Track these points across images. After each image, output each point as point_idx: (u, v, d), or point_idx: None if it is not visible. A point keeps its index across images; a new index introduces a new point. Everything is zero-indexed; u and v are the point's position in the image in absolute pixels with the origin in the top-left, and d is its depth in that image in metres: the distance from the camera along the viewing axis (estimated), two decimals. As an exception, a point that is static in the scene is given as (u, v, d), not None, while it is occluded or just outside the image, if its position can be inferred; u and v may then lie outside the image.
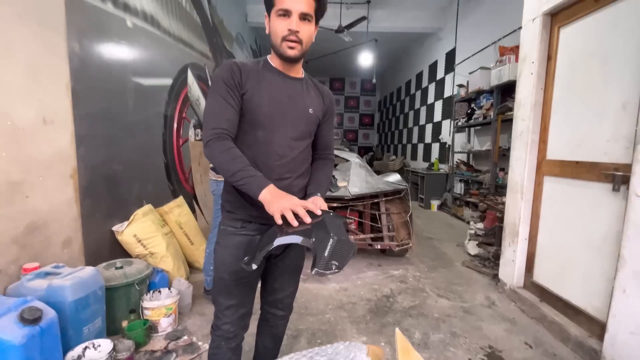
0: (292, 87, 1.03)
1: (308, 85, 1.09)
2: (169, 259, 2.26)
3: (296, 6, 0.91)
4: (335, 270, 0.75)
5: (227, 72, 0.95)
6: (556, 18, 2.10)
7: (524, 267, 2.30)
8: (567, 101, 2.00)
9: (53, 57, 1.71)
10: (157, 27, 2.76)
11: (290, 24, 0.92)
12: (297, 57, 0.97)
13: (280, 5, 0.92)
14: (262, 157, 0.98)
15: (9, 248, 1.49)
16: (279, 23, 0.93)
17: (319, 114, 1.09)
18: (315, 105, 1.07)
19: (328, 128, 1.16)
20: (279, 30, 0.93)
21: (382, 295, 2.38)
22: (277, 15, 0.93)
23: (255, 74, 0.98)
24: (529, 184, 2.22)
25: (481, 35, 4.85)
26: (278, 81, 1.01)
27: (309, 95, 1.07)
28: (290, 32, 0.92)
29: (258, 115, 0.97)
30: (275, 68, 1.02)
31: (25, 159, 1.56)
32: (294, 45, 0.94)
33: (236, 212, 1.04)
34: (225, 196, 1.07)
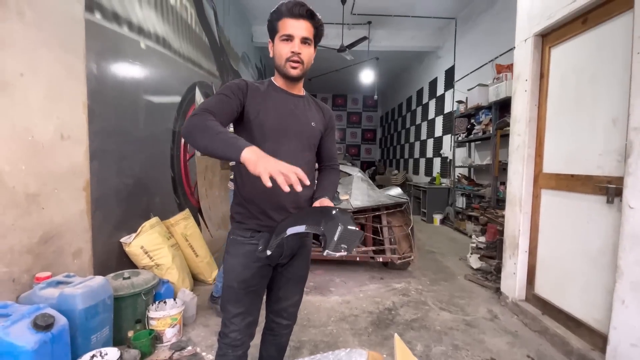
0: (295, 103, 1.13)
1: (309, 102, 1.20)
2: (175, 270, 2.30)
3: (298, 32, 1.03)
4: (344, 253, 0.82)
5: (235, 84, 1.05)
6: (547, 39, 2.21)
7: (525, 279, 2.32)
8: (560, 117, 2.07)
9: (72, 78, 1.82)
10: (168, 48, 2.91)
11: (293, 46, 1.03)
12: (299, 76, 1.08)
13: (283, 31, 1.03)
14: None
15: (23, 257, 1.55)
16: (282, 46, 1.04)
17: (321, 127, 1.19)
18: (317, 120, 1.17)
19: (330, 140, 1.26)
20: (283, 52, 1.04)
21: (384, 307, 2.40)
22: (280, 40, 1.04)
23: (262, 93, 1.08)
24: (527, 196, 2.27)
25: (479, 54, 5.00)
26: (282, 98, 1.11)
27: (311, 111, 1.17)
28: (293, 53, 1.03)
29: (265, 129, 1.05)
30: (279, 87, 1.13)
31: (43, 172, 1.65)
32: (296, 65, 1.05)
33: (246, 222, 1.10)
34: (234, 207, 1.13)
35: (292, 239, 1.13)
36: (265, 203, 1.08)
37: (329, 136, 1.25)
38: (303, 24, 1.03)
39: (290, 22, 1.03)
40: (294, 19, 1.02)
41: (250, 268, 1.09)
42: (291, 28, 1.02)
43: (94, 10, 1.97)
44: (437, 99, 6.82)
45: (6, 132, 1.47)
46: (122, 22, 2.24)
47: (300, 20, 1.03)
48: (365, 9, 5.51)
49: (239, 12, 5.41)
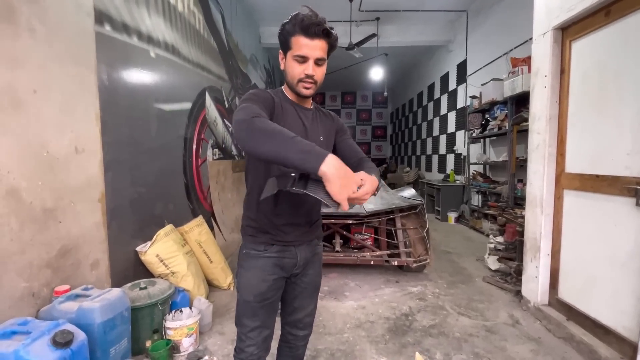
0: (307, 118, 1.12)
1: (318, 114, 1.18)
2: (190, 277, 2.31)
3: (313, 52, 0.98)
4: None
5: (264, 92, 1.01)
6: (567, 32, 2.10)
7: (548, 283, 2.23)
8: (583, 114, 1.97)
9: (84, 91, 1.84)
10: (177, 55, 2.91)
11: (307, 69, 0.99)
12: (311, 95, 1.06)
13: (297, 52, 0.98)
14: None
15: (42, 272, 1.58)
16: (295, 66, 1.00)
17: (330, 138, 1.18)
18: (327, 132, 1.16)
19: (346, 140, 1.21)
20: (296, 73, 1.01)
21: (401, 313, 2.35)
22: (293, 59, 1.00)
23: (279, 106, 1.05)
24: (548, 197, 2.18)
25: (492, 47, 4.85)
26: (295, 114, 1.09)
27: (320, 124, 1.16)
28: (307, 76, 1.00)
29: None
30: (291, 100, 1.11)
31: (59, 186, 1.67)
32: (309, 86, 1.03)
33: (258, 235, 1.09)
34: (246, 221, 1.12)
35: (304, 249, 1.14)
36: (277, 219, 1.08)
37: (344, 137, 1.22)
38: (318, 44, 0.98)
39: (305, 42, 0.97)
40: (309, 39, 0.97)
41: (266, 281, 1.08)
42: (306, 49, 0.97)
43: (103, 22, 1.98)
44: (449, 94, 6.67)
45: (22, 149, 1.49)
46: (132, 32, 2.25)
47: (316, 40, 0.97)
48: (373, 6, 5.41)
49: (246, 13, 5.40)
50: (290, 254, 1.11)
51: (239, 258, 1.14)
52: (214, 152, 3.73)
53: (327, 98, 11.88)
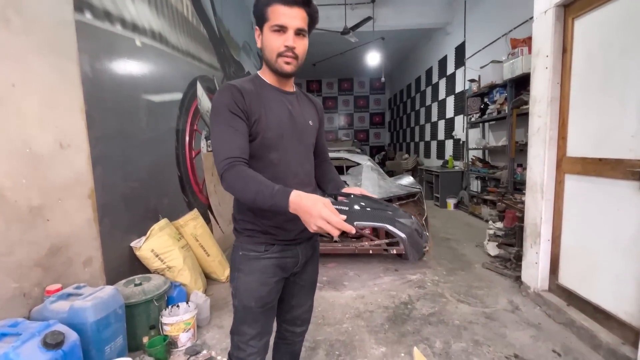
0: (291, 102, 1.03)
1: (301, 97, 1.10)
2: (187, 272, 2.29)
3: (292, 22, 0.89)
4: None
5: (228, 98, 0.90)
6: (569, 9, 2.01)
7: (548, 269, 2.21)
8: (586, 96, 1.91)
9: (67, 84, 1.76)
10: (165, 43, 2.81)
11: (287, 39, 0.90)
12: (293, 72, 0.96)
13: (275, 21, 0.89)
14: (279, 180, 0.94)
15: (33, 271, 1.54)
16: (274, 39, 0.91)
17: (316, 124, 1.12)
18: (313, 117, 1.10)
19: (322, 134, 1.19)
20: (275, 46, 0.92)
21: (400, 302, 2.34)
22: (271, 31, 0.91)
23: (256, 95, 0.96)
24: (549, 182, 2.13)
25: (491, 28, 4.72)
26: (277, 99, 1.00)
27: (305, 108, 1.09)
28: (287, 48, 0.91)
29: (269, 138, 0.96)
30: (270, 85, 1.01)
31: (45, 183, 1.62)
32: (290, 61, 0.93)
33: (258, 236, 1.00)
34: (241, 222, 1.02)
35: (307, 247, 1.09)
36: (279, 217, 0.97)
37: (321, 130, 1.18)
38: (298, 13, 0.90)
39: (282, 10, 0.89)
40: (287, 7, 0.89)
41: (268, 284, 1.01)
42: (284, 17, 0.89)
43: (83, 10, 1.88)
44: (448, 78, 6.54)
45: (3, 147, 1.43)
46: (115, 20, 2.15)
47: (295, 8, 0.89)
48: (368, -13, 5.24)
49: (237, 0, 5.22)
50: (292, 253, 1.04)
51: (235, 261, 1.04)
52: (208, 144, 3.65)
53: (324, 85, 11.70)
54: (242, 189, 0.83)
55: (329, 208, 0.74)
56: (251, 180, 0.82)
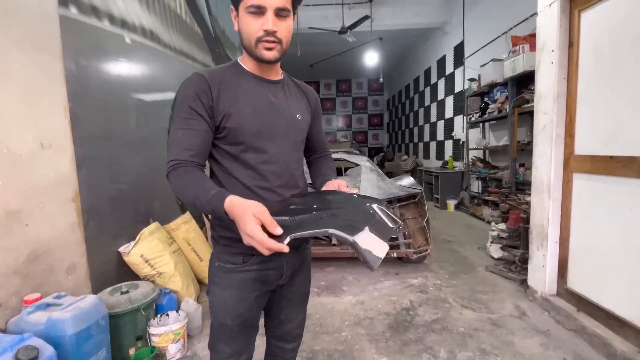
0: (274, 93, 0.89)
1: (290, 87, 0.96)
2: (178, 278, 2.18)
3: (271, 1, 0.76)
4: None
5: (191, 90, 0.79)
6: (575, 2, 1.93)
7: (556, 272, 2.12)
8: (595, 90, 1.83)
9: (49, 80, 1.66)
10: (157, 41, 2.72)
11: (266, 22, 0.77)
12: (276, 59, 0.83)
13: (251, 1, 0.76)
14: (258, 181, 0.86)
15: (9, 280, 1.44)
16: (251, 22, 0.78)
17: (307, 118, 0.98)
18: (303, 109, 0.96)
19: (318, 127, 1.06)
20: (252, 30, 0.79)
21: (402, 308, 2.24)
22: (247, 12, 0.78)
23: (229, 86, 0.83)
24: (556, 182, 2.04)
25: (490, 26, 4.66)
26: (257, 89, 0.87)
27: (293, 100, 0.95)
28: (267, 32, 0.78)
29: (244, 135, 0.83)
30: (250, 72, 0.88)
31: (24, 186, 1.51)
32: (272, 46, 0.80)
33: (234, 245, 0.86)
34: (217, 228, 0.90)
35: (293, 257, 0.96)
36: None
37: (317, 123, 1.05)
38: None
39: None
40: None
41: (246, 300, 0.89)
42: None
43: (68, 4, 1.79)
44: (447, 78, 6.48)
45: (-25, 146, 1.33)
46: (102, 15, 2.06)
47: None
48: (366, -14, 5.18)
49: (233, -1, 5.15)
50: (274, 264, 0.90)
51: (210, 272, 0.93)
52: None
53: (322, 86, 11.64)
54: (182, 193, 0.75)
55: (259, 220, 0.64)
56: (191, 183, 0.74)
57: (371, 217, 0.69)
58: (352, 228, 0.64)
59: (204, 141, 0.80)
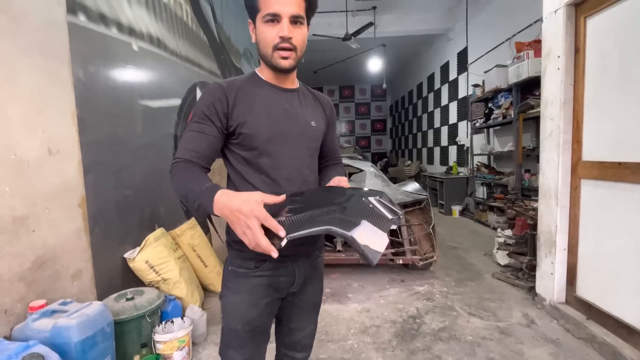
0: (289, 101, 0.92)
1: (305, 95, 0.99)
2: (183, 284, 2.18)
3: (286, 9, 0.80)
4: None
5: (207, 98, 0.84)
6: (581, 8, 1.94)
7: (565, 280, 2.09)
8: (602, 96, 1.82)
9: (57, 87, 1.68)
10: (163, 48, 2.75)
11: (282, 30, 0.81)
12: (292, 67, 0.87)
13: (267, 10, 0.81)
14: (271, 186, 0.87)
15: (15, 286, 1.44)
16: (267, 30, 0.82)
17: (322, 125, 1.00)
18: (317, 117, 0.98)
19: (332, 136, 1.08)
20: (269, 38, 0.83)
21: (408, 315, 2.21)
22: (264, 22, 0.82)
23: (246, 95, 0.87)
24: (564, 188, 2.02)
25: (494, 33, 4.67)
26: (272, 97, 0.90)
27: (308, 107, 0.97)
28: (282, 39, 0.81)
29: (257, 140, 0.86)
30: (266, 82, 0.92)
31: (31, 191, 1.52)
32: (287, 55, 0.84)
33: (247, 250, 0.86)
34: (232, 233, 0.92)
35: (306, 264, 0.96)
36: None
37: (330, 131, 1.06)
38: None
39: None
40: None
41: (257, 306, 0.90)
42: (276, 5, 0.80)
43: (77, 12, 1.82)
44: (450, 83, 6.49)
45: (-16, 152, 1.34)
46: (110, 23, 2.09)
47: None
48: (369, -6, 5.22)
49: (238, 6, 5.20)
50: (286, 271, 0.92)
51: (224, 276, 0.95)
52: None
53: (325, 92, 11.69)
54: (177, 187, 0.77)
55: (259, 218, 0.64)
56: (187, 178, 0.76)
57: (369, 210, 0.69)
58: (349, 223, 0.63)
59: (210, 145, 0.83)
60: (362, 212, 0.68)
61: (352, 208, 0.69)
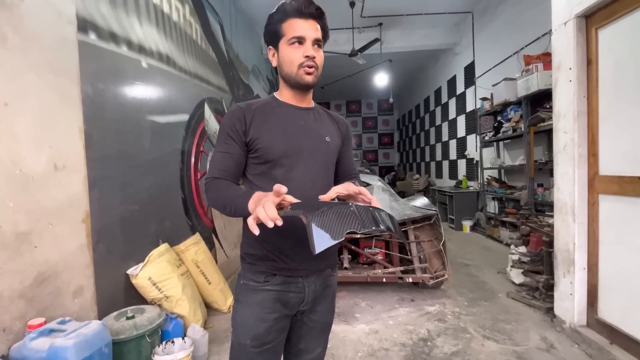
0: (305, 117, 0.98)
1: (320, 113, 1.04)
2: (185, 302, 2.13)
3: (310, 33, 0.90)
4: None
5: (229, 119, 0.93)
6: (591, 20, 1.90)
7: (585, 301, 1.97)
8: (618, 109, 1.75)
9: (65, 103, 1.70)
10: (172, 65, 2.80)
11: (307, 50, 0.90)
12: (314, 83, 0.94)
13: (293, 34, 0.90)
14: None
15: (14, 304, 1.41)
16: (293, 51, 0.91)
17: (337, 141, 1.03)
18: (332, 133, 1.02)
19: (348, 154, 1.10)
20: (295, 58, 0.91)
21: (419, 338, 2.11)
22: (289, 44, 0.91)
23: (262, 112, 0.94)
24: (581, 204, 1.94)
25: (501, 46, 4.66)
26: (289, 114, 0.96)
27: (323, 123, 1.01)
28: (308, 58, 0.90)
29: (272, 154, 0.91)
30: (284, 102, 0.98)
31: (35, 207, 1.52)
32: (311, 71, 0.92)
33: (258, 263, 0.93)
34: (245, 246, 0.97)
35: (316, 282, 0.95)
36: (283, 241, 0.89)
37: (347, 149, 1.09)
38: (313, 25, 0.91)
39: (299, 24, 0.90)
40: (302, 20, 0.90)
41: (265, 320, 0.90)
42: (301, 30, 0.89)
43: (87, 31, 1.86)
44: (458, 97, 6.46)
45: (-11, 168, 1.34)
46: (121, 41, 2.14)
47: (310, 21, 0.91)
48: (375, 11, 5.30)
49: (246, 24, 5.34)
50: (296, 287, 0.93)
51: (236, 290, 0.98)
52: (215, 165, 3.57)
53: (332, 107, 11.79)
54: (215, 197, 0.86)
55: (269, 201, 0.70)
56: (223, 188, 0.85)
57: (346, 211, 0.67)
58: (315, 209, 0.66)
59: (236, 163, 0.92)
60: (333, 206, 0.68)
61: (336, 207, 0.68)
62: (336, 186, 0.85)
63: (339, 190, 0.82)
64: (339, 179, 1.11)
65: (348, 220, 0.65)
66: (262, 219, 0.66)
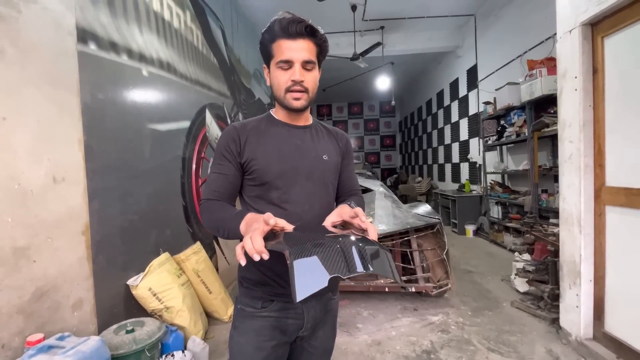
0: (301, 137, 0.94)
1: (318, 130, 1.00)
2: (186, 312, 2.11)
3: (297, 55, 0.84)
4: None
5: (224, 140, 0.91)
6: (597, 28, 1.87)
7: (592, 314, 1.93)
8: (625, 119, 1.72)
9: (64, 115, 1.69)
10: (173, 72, 2.79)
11: (293, 74, 0.85)
12: (303, 107, 0.90)
13: (280, 57, 0.85)
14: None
15: (13, 319, 1.39)
16: (280, 74, 0.87)
17: (336, 159, 0.99)
18: (330, 151, 0.98)
19: (348, 169, 1.06)
20: (282, 82, 0.87)
21: (422, 350, 2.08)
22: (277, 67, 0.87)
23: (257, 132, 0.91)
24: (587, 215, 1.90)
25: (504, 50, 4.62)
26: (284, 134, 0.93)
27: (321, 141, 0.98)
28: (294, 82, 0.86)
29: (268, 175, 0.89)
30: (280, 121, 0.95)
31: (33, 221, 1.50)
32: (299, 96, 0.87)
33: (255, 288, 0.90)
34: (241, 268, 0.94)
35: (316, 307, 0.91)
36: (280, 265, 0.83)
37: (348, 165, 1.05)
38: (303, 45, 0.85)
39: (286, 45, 0.84)
40: (290, 40, 0.84)
41: (263, 349, 0.87)
42: (288, 52, 0.84)
43: (87, 41, 1.85)
44: (460, 100, 6.42)
45: (-13, 184, 1.33)
46: (121, 50, 2.12)
47: (299, 41, 0.84)
48: (376, 14, 5.27)
49: (248, 29, 5.33)
50: (294, 313, 0.89)
51: (233, 315, 0.95)
52: (216, 171, 3.55)
53: (334, 109, 11.77)
54: (208, 219, 0.83)
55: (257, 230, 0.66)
56: (216, 210, 0.83)
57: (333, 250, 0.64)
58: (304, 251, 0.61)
59: (230, 184, 0.90)
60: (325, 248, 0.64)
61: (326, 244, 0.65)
62: (330, 215, 0.82)
63: (333, 219, 0.80)
64: (338, 195, 1.08)
65: (334, 261, 0.61)
66: (248, 251, 0.63)
